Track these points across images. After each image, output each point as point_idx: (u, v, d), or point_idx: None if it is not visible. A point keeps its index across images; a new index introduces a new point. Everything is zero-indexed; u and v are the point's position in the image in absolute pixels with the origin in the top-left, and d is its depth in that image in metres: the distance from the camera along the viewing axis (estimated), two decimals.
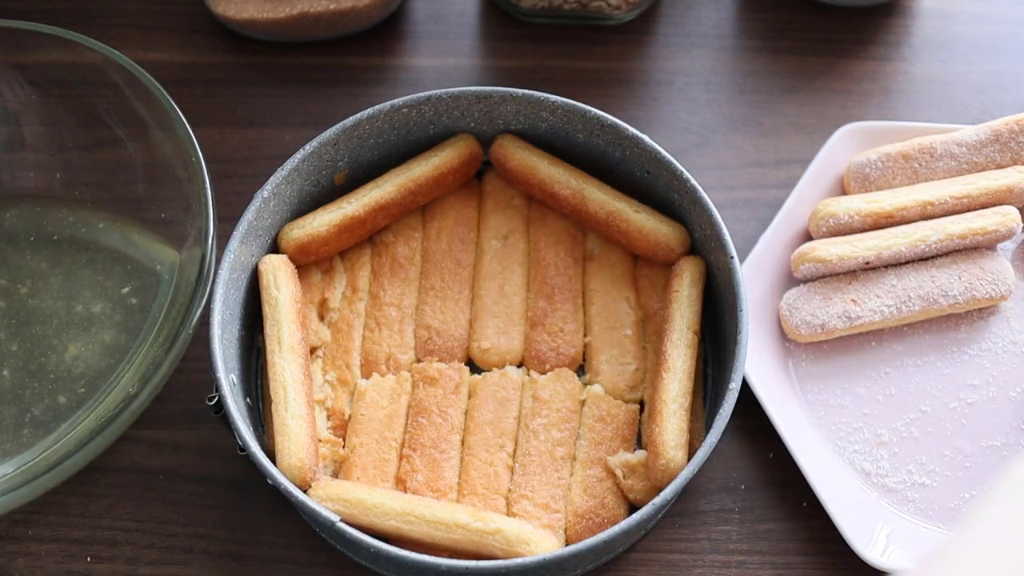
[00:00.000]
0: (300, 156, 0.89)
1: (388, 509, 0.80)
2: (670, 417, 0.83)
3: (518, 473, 0.86)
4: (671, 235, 0.91)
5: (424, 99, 0.92)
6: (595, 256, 0.95)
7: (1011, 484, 0.57)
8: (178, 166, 0.92)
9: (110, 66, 0.94)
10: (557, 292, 0.93)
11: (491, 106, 0.94)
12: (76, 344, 0.92)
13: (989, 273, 0.94)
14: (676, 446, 0.82)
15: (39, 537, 0.88)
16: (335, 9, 1.07)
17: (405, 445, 0.87)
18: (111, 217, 0.98)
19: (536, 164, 0.94)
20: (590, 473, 0.86)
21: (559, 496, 0.85)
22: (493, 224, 0.97)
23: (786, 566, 0.88)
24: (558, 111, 0.93)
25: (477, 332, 0.93)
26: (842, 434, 0.91)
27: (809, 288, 0.94)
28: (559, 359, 0.91)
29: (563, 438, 0.88)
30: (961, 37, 1.14)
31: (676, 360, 0.85)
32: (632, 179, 0.95)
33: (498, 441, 0.88)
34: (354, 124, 0.91)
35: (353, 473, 0.86)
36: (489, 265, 0.95)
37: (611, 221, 0.92)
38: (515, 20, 1.14)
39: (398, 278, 0.94)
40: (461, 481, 0.86)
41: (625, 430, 0.88)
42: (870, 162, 0.99)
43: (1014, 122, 0.99)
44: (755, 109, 1.09)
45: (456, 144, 0.95)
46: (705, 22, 1.15)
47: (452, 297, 0.94)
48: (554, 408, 0.89)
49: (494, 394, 0.89)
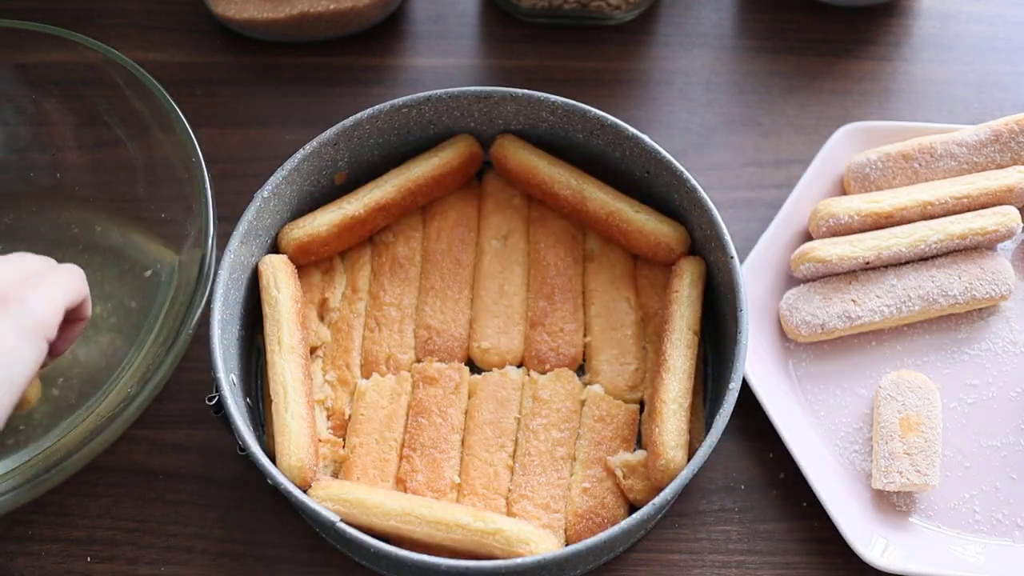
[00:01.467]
0: (300, 156, 0.89)
1: (388, 509, 0.80)
2: (670, 417, 0.83)
3: (518, 473, 0.86)
4: (671, 235, 0.91)
5: (424, 99, 0.92)
6: (595, 256, 0.95)
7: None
8: (178, 166, 0.92)
9: (110, 66, 0.94)
10: (557, 292, 0.93)
11: (491, 106, 0.94)
12: (76, 344, 0.92)
13: (989, 273, 0.94)
14: (676, 446, 0.82)
15: (39, 537, 0.88)
16: (335, 9, 1.07)
17: (405, 445, 0.87)
18: (111, 217, 0.98)
19: (536, 164, 0.94)
20: (590, 473, 0.86)
21: (559, 496, 0.85)
22: (493, 224, 0.97)
23: (786, 566, 0.88)
24: (558, 111, 0.93)
25: (477, 332, 0.93)
26: (842, 434, 0.91)
27: (809, 288, 0.94)
28: (559, 359, 0.91)
29: (563, 438, 0.88)
30: (961, 37, 1.14)
31: (676, 360, 0.85)
32: (632, 179, 0.95)
33: (498, 441, 0.88)
34: (354, 124, 0.91)
35: (353, 473, 0.86)
36: (489, 265, 0.95)
37: (611, 221, 0.92)
38: (515, 20, 1.14)
39: (398, 278, 0.94)
40: (461, 481, 0.86)
41: (625, 430, 0.88)
42: (870, 162, 0.99)
43: (1014, 122, 0.99)
44: (755, 109, 1.09)
45: (456, 144, 0.95)
46: (705, 22, 1.15)
47: (452, 297, 0.93)
48: (554, 408, 0.89)
49: (494, 394, 0.89)
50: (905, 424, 0.88)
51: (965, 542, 0.87)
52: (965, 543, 0.87)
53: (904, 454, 0.87)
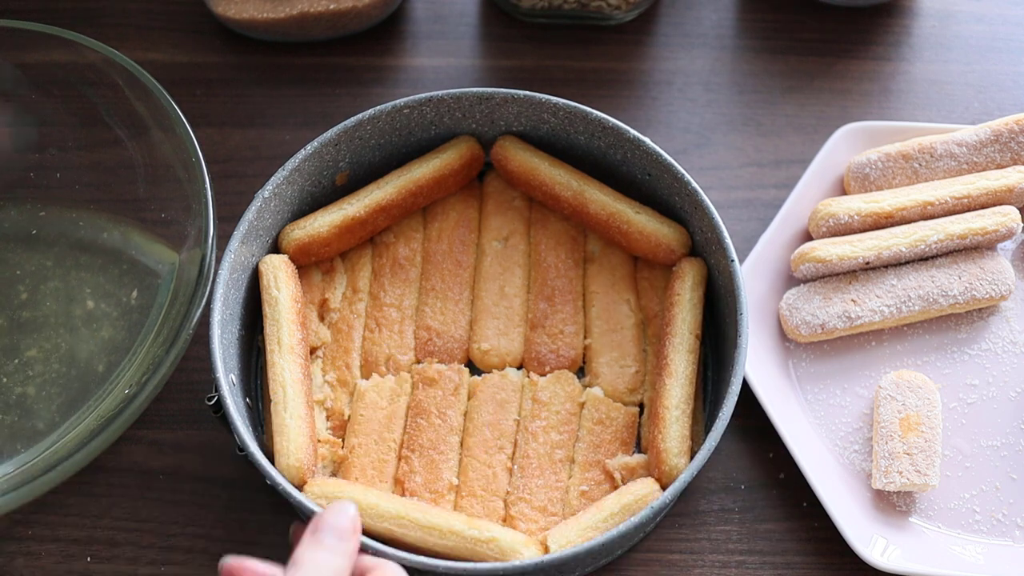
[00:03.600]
0: (301, 156, 0.89)
1: (383, 511, 0.79)
2: (672, 424, 0.82)
3: (516, 475, 0.86)
4: (672, 237, 0.91)
5: (426, 100, 0.92)
6: (595, 258, 0.95)
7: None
8: (178, 166, 0.92)
9: (110, 66, 0.95)
10: (557, 294, 0.93)
11: (493, 107, 0.94)
12: (76, 344, 0.92)
13: (989, 273, 0.94)
14: (679, 453, 0.82)
15: (39, 537, 0.88)
16: (335, 9, 1.07)
17: (404, 446, 0.87)
18: (111, 217, 0.98)
19: (537, 166, 0.94)
20: (588, 476, 0.86)
21: (557, 499, 0.85)
22: (494, 226, 0.97)
23: (786, 566, 0.88)
24: (560, 113, 0.93)
25: (477, 333, 0.93)
26: (842, 434, 0.91)
27: (809, 288, 0.94)
28: (559, 361, 0.91)
29: (562, 440, 0.88)
30: (961, 37, 1.14)
31: (678, 365, 0.85)
32: (633, 181, 0.95)
33: (497, 443, 0.88)
34: (355, 124, 0.91)
35: (352, 473, 0.86)
36: (490, 267, 0.95)
37: (612, 222, 0.92)
38: (515, 20, 1.14)
39: (398, 279, 0.94)
40: (460, 483, 0.86)
41: (624, 433, 0.88)
42: (870, 162, 0.99)
43: (1014, 122, 0.99)
44: (755, 109, 1.09)
45: (457, 146, 0.95)
46: (705, 22, 1.15)
47: (452, 298, 0.93)
48: (553, 410, 0.89)
49: (493, 395, 0.89)
50: (905, 424, 0.88)
51: (965, 542, 0.87)
52: (965, 543, 0.87)
53: (904, 454, 0.87)
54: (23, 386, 0.91)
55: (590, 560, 0.83)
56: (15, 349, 0.92)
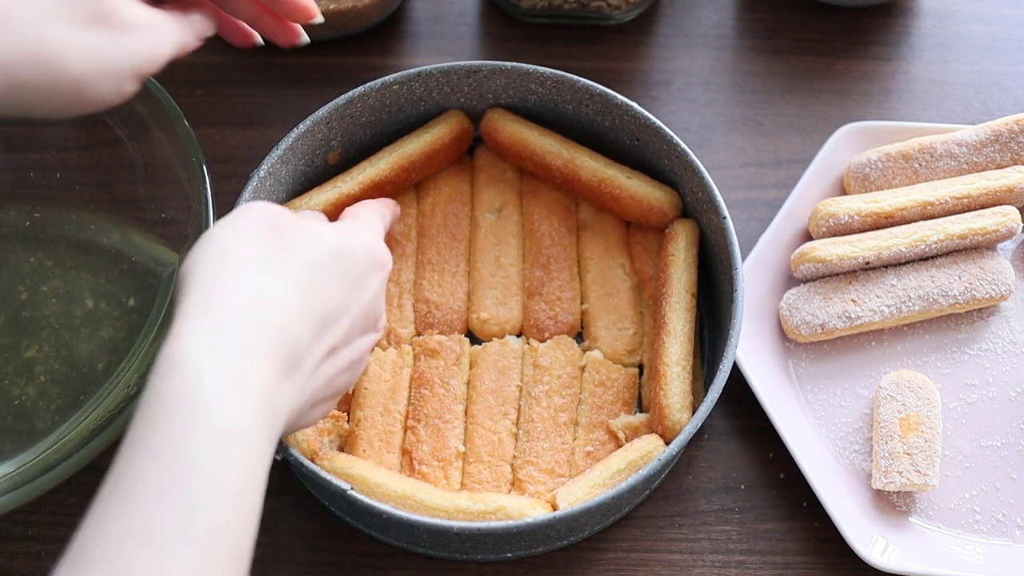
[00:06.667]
0: (294, 135, 0.90)
1: (389, 491, 0.80)
2: (673, 380, 0.84)
3: (522, 440, 0.87)
4: (663, 199, 0.92)
5: (415, 75, 0.93)
6: (588, 225, 0.97)
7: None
8: (178, 166, 0.92)
9: None
10: (552, 262, 0.94)
11: (480, 80, 0.95)
12: (76, 344, 0.92)
13: (989, 273, 0.94)
14: (681, 408, 0.83)
15: (39, 537, 0.88)
16: (335, 9, 1.07)
17: (409, 417, 0.88)
18: (111, 217, 0.98)
19: (527, 136, 0.95)
20: (592, 437, 0.87)
21: (563, 461, 0.86)
22: (486, 198, 0.98)
23: (786, 566, 0.88)
24: (547, 83, 0.94)
25: (475, 304, 0.93)
26: (842, 434, 0.91)
27: (809, 288, 0.94)
28: (558, 327, 0.92)
29: (565, 404, 0.89)
30: (961, 37, 1.14)
31: (676, 323, 0.86)
32: (622, 147, 0.96)
33: (501, 409, 0.89)
34: (346, 102, 0.92)
35: (359, 446, 0.86)
36: (484, 238, 0.96)
37: (603, 188, 0.93)
38: (515, 20, 1.14)
39: (395, 254, 0.95)
40: (466, 449, 0.87)
41: (625, 393, 0.89)
42: (870, 162, 0.99)
43: (1014, 122, 0.99)
44: (755, 109, 1.09)
45: (447, 120, 0.96)
46: (705, 22, 1.15)
47: (449, 271, 0.94)
48: (555, 375, 0.90)
49: (495, 363, 0.90)
50: (905, 424, 0.88)
51: (965, 542, 0.87)
52: (965, 543, 0.87)
53: (904, 454, 0.87)
54: (23, 386, 0.91)
55: (599, 516, 0.84)
56: (15, 349, 0.92)
